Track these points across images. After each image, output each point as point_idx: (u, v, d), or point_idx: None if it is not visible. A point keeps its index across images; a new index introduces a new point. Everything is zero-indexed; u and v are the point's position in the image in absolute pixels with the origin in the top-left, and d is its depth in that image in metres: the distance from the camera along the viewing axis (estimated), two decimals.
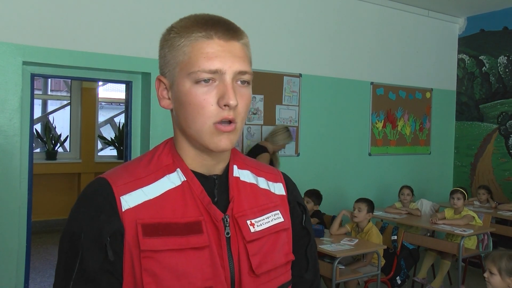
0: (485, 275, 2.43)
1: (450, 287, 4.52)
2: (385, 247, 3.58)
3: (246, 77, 0.88)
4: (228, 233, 0.89)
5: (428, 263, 4.32)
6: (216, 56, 0.84)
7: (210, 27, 0.86)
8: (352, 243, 3.45)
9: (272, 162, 4.19)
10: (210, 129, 0.85)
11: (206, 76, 0.84)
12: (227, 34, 0.87)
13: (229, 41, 0.87)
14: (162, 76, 0.91)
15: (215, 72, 0.84)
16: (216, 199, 0.91)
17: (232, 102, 0.83)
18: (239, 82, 0.87)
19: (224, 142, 0.86)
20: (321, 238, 3.54)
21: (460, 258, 3.98)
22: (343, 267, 3.47)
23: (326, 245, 3.36)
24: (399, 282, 3.79)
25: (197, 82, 0.85)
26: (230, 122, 0.85)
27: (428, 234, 4.63)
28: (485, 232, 4.31)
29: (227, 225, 0.90)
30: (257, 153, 4.10)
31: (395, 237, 3.73)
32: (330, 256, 3.34)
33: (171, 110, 0.93)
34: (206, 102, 0.84)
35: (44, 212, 6.17)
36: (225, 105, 0.84)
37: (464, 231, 3.97)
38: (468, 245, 4.18)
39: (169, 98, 0.91)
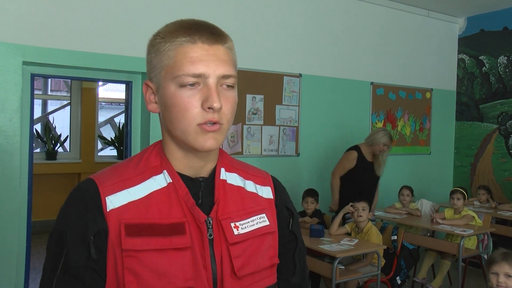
0: (501, 279, 2.27)
1: (450, 287, 4.52)
2: (385, 247, 3.58)
3: (231, 80, 0.89)
4: (211, 235, 0.90)
5: (428, 263, 4.32)
6: (200, 60, 0.86)
7: (194, 31, 0.88)
8: (352, 243, 3.45)
9: (363, 161, 4.16)
10: (195, 129, 0.87)
11: (190, 80, 0.86)
12: (211, 38, 0.88)
13: (213, 45, 0.88)
14: (149, 80, 0.93)
15: (199, 76, 0.86)
16: (200, 201, 0.92)
17: (216, 104, 0.85)
18: (224, 86, 0.88)
19: (210, 142, 0.87)
20: (321, 238, 3.54)
21: (460, 258, 3.98)
22: (343, 267, 3.47)
23: (326, 245, 3.36)
24: (399, 282, 3.78)
25: (182, 86, 0.86)
26: (215, 123, 0.87)
27: (428, 234, 4.63)
28: (485, 232, 4.31)
29: (210, 227, 0.91)
30: (347, 151, 4.23)
31: (395, 237, 3.73)
32: (330, 256, 3.34)
33: (159, 114, 0.94)
34: (190, 105, 0.86)
35: (44, 212, 6.15)
36: (209, 108, 0.85)
37: (464, 231, 3.97)
38: (468, 245, 4.18)
39: (156, 102, 0.93)
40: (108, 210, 0.86)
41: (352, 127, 5.18)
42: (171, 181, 0.91)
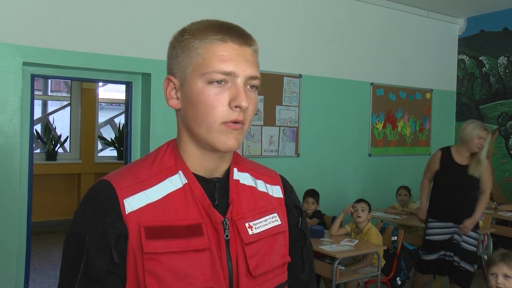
0: (499, 280, 2.25)
1: None
2: (385, 247, 3.58)
3: (256, 82, 0.91)
4: (227, 236, 0.91)
5: None
6: (230, 59, 0.88)
7: (225, 31, 0.90)
8: (352, 244, 3.45)
9: (450, 162, 3.69)
10: (219, 128, 0.88)
11: (219, 77, 0.87)
12: (241, 39, 0.90)
13: (242, 46, 0.90)
14: (171, 76, 0.93)
15: (228, 74, 0.87)
16: (216, 202, 0.93)
17: (244, 104, 0.86)
18: (248, 86, 0.90)
19: (232, 141, 0.89)
20: (321, 239, 3.54)
21: None
22: (343, 268, 3.47)
23: (326, 246, 3.36)
24: (399, 283, 3.78)
25: (210, 82, 0.87)
26: (238, 122, 0.88)
27: None
28: (485, 233, 4.31)
29: (227, 228, 0.92)
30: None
31: (395, 238, 3.73)
32: (330, 256, 3.34)
33: (178, 110, 0.95)
34: (217, 103, 0.87)
35: (44, 212, 6.17)
36: (236, 107, 0.87)
37: None
38: None
39: (177, 98, 0.93)
40: (127, 213, 0.86)
41: (352, 128, 5.18)
42: (187, 182, 0.92)
